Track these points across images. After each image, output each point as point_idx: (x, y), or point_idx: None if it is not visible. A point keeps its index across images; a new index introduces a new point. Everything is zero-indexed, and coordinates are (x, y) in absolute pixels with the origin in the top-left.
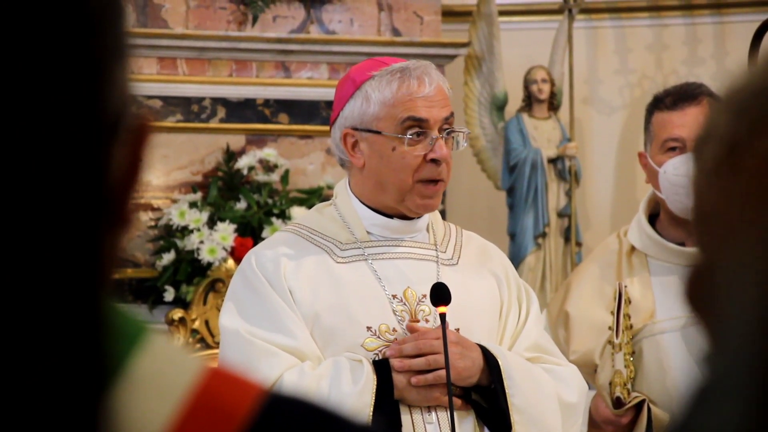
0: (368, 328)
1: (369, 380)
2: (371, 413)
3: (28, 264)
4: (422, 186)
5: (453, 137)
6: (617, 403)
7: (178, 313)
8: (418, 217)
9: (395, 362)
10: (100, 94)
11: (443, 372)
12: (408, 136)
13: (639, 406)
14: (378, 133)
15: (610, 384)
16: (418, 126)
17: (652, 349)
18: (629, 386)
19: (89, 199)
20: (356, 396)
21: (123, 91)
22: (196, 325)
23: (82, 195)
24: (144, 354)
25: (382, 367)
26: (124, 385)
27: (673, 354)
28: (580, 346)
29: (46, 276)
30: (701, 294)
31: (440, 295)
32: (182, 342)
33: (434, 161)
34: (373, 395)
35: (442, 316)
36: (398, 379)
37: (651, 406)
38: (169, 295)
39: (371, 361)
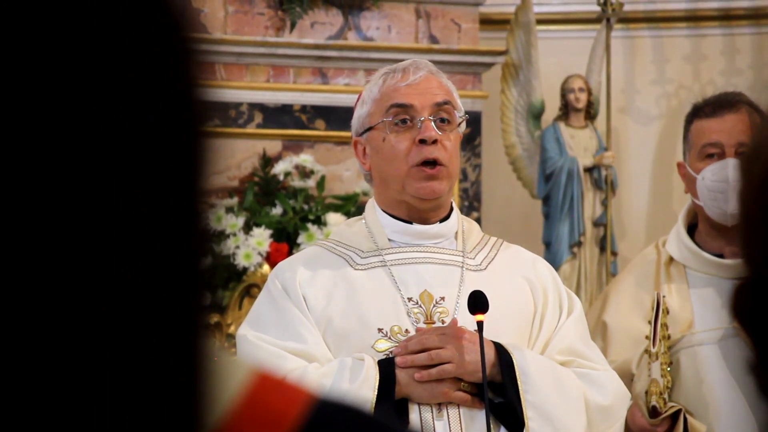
0: (379, 330)
1: (369, 376)
2: (372, 409)
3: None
4: (418, 170)
5: (455, 125)
6: (653, 412)
7: (213, 318)
8: (438, 221)
9: (399, 359)
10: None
11: (448, 366)
12: (390, 119)
13: (675, 416)
14: (370, 128)
15: (646, 393)
16: (404, 112)
17: (690, 361)
18: (666, 396)
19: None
20: (355, 391)
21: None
22: (232, 329)
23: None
24: None
25: (386, 365)
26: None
27: (710, 366)
28: (617, 356)
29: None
30: (747, 307)
31: (478, 303)
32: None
33: (423, 142)
34: (375, 391)
35: (480, 324)
36: (401, 376)
37: (687, 416)
38: (205, 299)
39: (376, 359)
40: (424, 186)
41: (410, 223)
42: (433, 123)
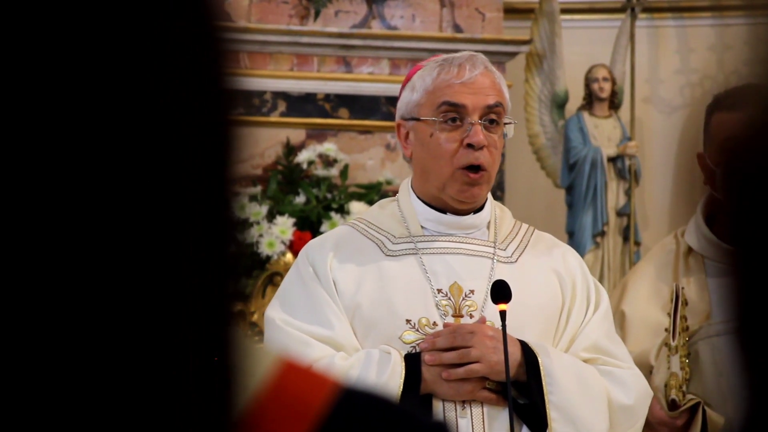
0: (407, 321)
1: (396, 372)
2: None
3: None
4: (462, 173)
5: (501, 126)
6: (672, 405)
7: (237, 306)
8: (472, 212)
9: (426, 356)
10: (213, 93)
11: (476, 366)
12: (440, 119)
13: (693, 409)
14: (418, 119)
15: (666, 386)
16: (455, 111)
17: (708, 351)
18: (684, 388)
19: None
20: (382, 386)
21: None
22: (255, 318)
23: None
24: None
25: (413, 361)
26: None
27: (728, 356)
28: (635, 346)
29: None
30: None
31: (501, 292)
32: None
33: (470, 146)
34: (400, 387)
35: (502, 313)
36: (428, 373)
37: (706, 408)
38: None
39: (403, 354)
40: (465, 190)
41: (444, 212)
42: (482, 127)
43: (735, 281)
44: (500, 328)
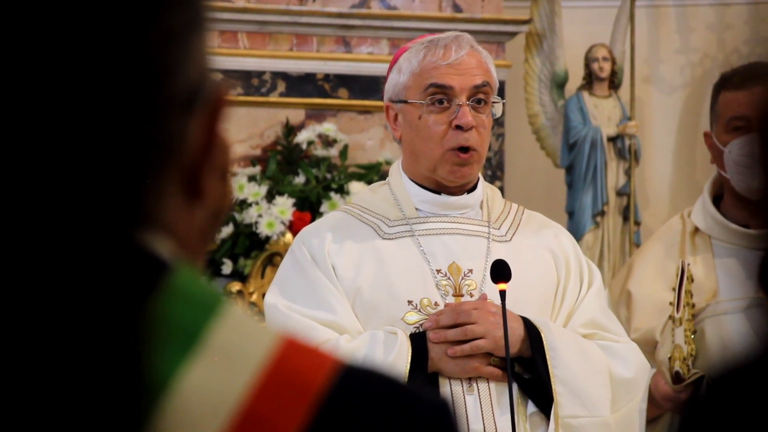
0: (409, 302)
1: (402, 351)
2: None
3: (105, 233)
4: (452, 154)
5: (490, 105)
6: (676, 378)
7: (235, 287)
8: (465, 192)
9: (431, 334)
10: (175, 66)
11: (481, 342)
12: (427, 101)
13: (698, 384)
14: (406, 102)
15: (670, 359)
16: (442, 93)
17: (715, 329)
18: (689, 363)
19: (165, 171)
20: (389, 366)
21: (200, 64)
22: (254, 298)
23: (158, 166)
24: (221, 324)
25: (418, 340)
26: (202, 354)
27: (735, 334)
28: (641, 324)
29: (122, 245)
30: None
31: (500, 271)
32: None
33: (459, 128)
34: (408, 366)
35: (502, 293)
36: (434, 351)
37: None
38: (227, 268)
39: (408, 333)
40: (456, 171)
41: (438, 193)
42: (469, 108)
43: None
44: (500, 306)
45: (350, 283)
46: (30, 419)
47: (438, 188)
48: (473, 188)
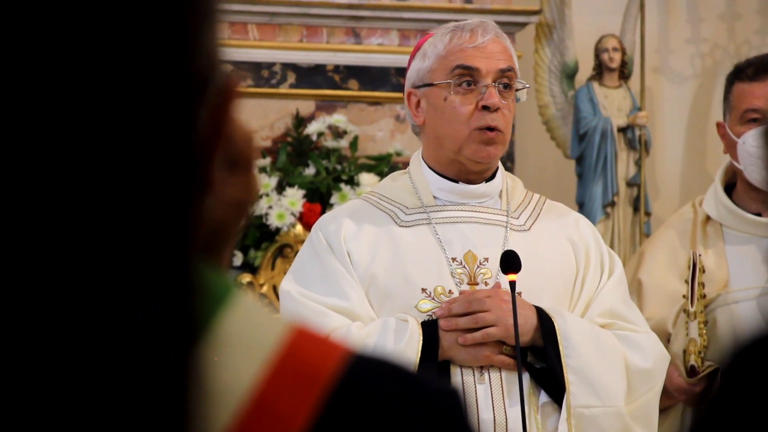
0: (423, 290)
1: (413, 339)
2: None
3: (117, 224)
4: (479, 133)
5: (514, 91)
6: (691, 371)
7: (246, 278)
8: (484, 181)
9: (442, 321)
10: (187, 55)
11: (492, 330)
12: (455, 81)
13: (712, 376)
14: (431, 84)
15: (684, 352)
16: (469, 75)
17: (726, 319)
18: (703, 355)
19: (175, 160)
20: (399, 354)
21: (211, 54)
22: (264, 290)
23: (168, 155)
24: (231, 313)
25: (430, 327)
26: (211, 344)
27: (747, 323)
28: (652, 314)
29: (135, 236)
30: None
31: (510, 262)
32: None
33: (486, 108)
34: (418, 353)
35: (512, 284)
36: (445, 339)
37: None
38: (238, 259)
39: (419, 321)
40: (482, 149)
41: (456, 182)
42: (496, 90)
43: None
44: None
45: (365, 270)
46: (52, 417)
47: (457, 176)
48: (492, 177)
